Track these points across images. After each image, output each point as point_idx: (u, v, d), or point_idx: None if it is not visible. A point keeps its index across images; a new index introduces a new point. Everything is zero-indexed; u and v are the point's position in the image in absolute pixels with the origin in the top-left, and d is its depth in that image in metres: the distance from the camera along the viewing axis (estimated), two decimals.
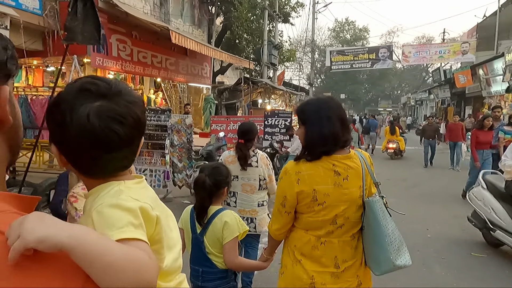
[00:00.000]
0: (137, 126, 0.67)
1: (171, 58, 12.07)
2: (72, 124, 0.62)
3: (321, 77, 50.03)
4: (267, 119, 8.44)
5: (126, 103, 0.66)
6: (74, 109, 0.62)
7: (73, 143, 0.63)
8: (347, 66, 17.44)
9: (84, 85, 0.65)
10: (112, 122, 0.63)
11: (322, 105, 1.67)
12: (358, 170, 1.61)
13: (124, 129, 0.64)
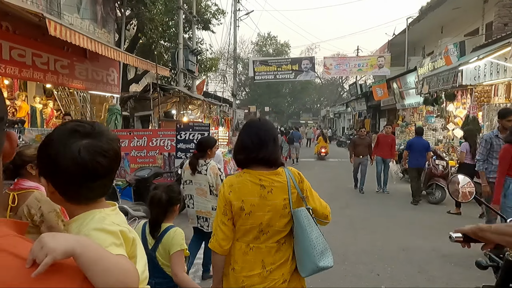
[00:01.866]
0: (116, 158, 0.88)
1: (64, 59, 9.87)
2: (65, 158, 0.80)
3: (245, 90, 50.00)
4: (179, 133, 7.00)
5: (108, 140, 0.86)
6: (67, 145, 0.81)
7: (65, 173, 0.81)
8: (270, 77, 16.89)
9: (74, 127, 0.85)
10: (98, 155, 0.83)
11: (256, 128, 1.88)
12: (283, 185, 1.78)
13: (106, 161, 0.84)
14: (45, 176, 0.85)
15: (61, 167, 0.80)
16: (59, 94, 11.87)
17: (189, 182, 3.58)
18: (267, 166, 1.79)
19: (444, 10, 13.46)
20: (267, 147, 1.79)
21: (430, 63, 10.99)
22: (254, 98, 45.75)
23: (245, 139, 1.84)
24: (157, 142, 7.17)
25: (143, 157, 7.17)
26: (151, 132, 7.20)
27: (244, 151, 1.83)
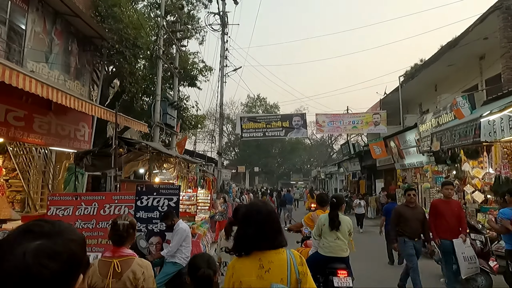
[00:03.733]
0: (73, 262, 0.77)
1: (19, 110, 8.51)
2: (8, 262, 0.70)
3: (234, 150, 49.15)
4: (140, 198, 5.44)
5: (65, 241, 0.77)
6: (13, 248, 0.71)
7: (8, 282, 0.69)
8: (259, 134, 15.82)
9: (29, 226, 0.77)
10: (44, 259, 0.72)
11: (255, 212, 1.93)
12: (283, 264, 1.81)
13: (57, 265, 0.73)
14: None
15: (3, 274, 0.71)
16: (14, 150, 10.32)
17: (226, 249, 3.48)
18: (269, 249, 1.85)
19: (438, 67, 13.00)
20: (273, 237, 1.86)
21: (433, 118, 10.06)
22: (243, 159, 44.65)
23: (248, 231, 1.88)
24: (111, 209, 5.54)
25: (91, 229, 5.48)
26: (103, 197, 5.60)
27: (248, 242, 1.88)
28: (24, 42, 9.04)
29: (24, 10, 9.03)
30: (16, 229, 0.78)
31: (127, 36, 11.60)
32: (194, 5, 18.77)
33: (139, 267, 2.37)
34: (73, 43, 11.12)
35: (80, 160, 6.84)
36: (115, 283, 2.25)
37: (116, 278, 2.25)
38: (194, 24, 18.87)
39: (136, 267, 2.36)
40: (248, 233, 1.85)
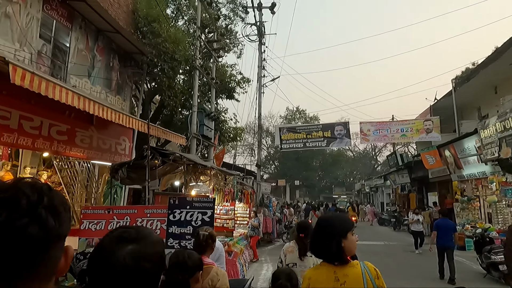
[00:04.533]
0: (161, 263, 0.93)
1: (62, 125, 8.70)
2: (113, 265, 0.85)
3: (274, 163, 48.56)
4: (173, 212, 5.07)
5: (151, 243, 0.92)
6: (114, 253, 0.86)
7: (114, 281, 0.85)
8: (299, 145, 15.14)
9: (120, 233, 0.92)
10: (142, 261, 0.87)
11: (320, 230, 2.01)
12: (358, 277, 1.82)
13: (151, 266, 0.88)
14: (91, 285, 0.87)
15: (107, 274, 0.85)
16: (59, 165, 10.60)
17: (293, 265, 3.56)
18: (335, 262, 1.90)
19: (499, 67, 11.67)
20: (330, 249, 1.90)
21: (498, 122, 8.85)
22: (283, 172, 43.85)
23: (312, 240, 2.06)
24: (143, 224, 5.23)
25: None
26: (135, 210, 5.32)
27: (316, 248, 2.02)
28: (67, 58, 9.32)
29: (68, 29, 9.34)
30: (108, 236, 0.92)
31: (165, 50, 11.70)
32: (231, 19, 18.86)
33: (216, 275, 2.58)
34: (114, 59, 11.39)
35: (116, 173, 6.68)
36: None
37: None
38: (231, 38, 18.94)
39: (213, 275, 2.56)
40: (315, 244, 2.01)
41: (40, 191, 0.63)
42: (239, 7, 18.42)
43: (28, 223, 0.58)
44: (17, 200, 0.59)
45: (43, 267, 0.61)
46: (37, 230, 0.59)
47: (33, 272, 0.59)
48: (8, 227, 0.56)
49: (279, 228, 14.65)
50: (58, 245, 0.64)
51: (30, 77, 5.19)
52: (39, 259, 0.60)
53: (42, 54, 8.40)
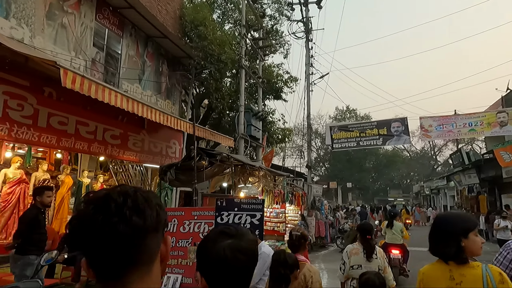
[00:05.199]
0: (253, 257, 1.08)
1: (115, 129, 8.98)
2: (213, 254, 1.02)
3: (324, 165, 47.24)
4: (220, 215, 4.81)
5: (247, 240, 1.07)
6: (215, 244, 1.03)
7: (213, 268, 1.02)
8: (352, 144, 14.26)
9: (222, 229, 1.10)
10: (237, 253, 1.02)
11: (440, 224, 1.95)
12: (476, 280, 1.72)
13: (245, 258, 1.03)
14: (200, 270, 1.05)
15: (210, 262, 1.03)
16: (115, 168, 11.00)
17: (358, 267, 3.60)
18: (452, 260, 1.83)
19: None
20: (448, 249, 1.83)
21: None
22: (334, 174, 42.44)
23: (430, 238, 1.95)
24: (191, 226, 5.04)
25: (171, 248, 5.03)
26: (183, 213, 5.14)
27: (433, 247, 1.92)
28: (119, 65, 9.64)
29: (119, 36, 9.67)
30: (213, 231, 1.12)
31: (211, 52, 11.71)
32: (277, 19, 18.55)
33: (308, 271, 2.80)
34: (163, 64, 11.64)
35: (165, 174, 6.63)
36: (293, 281, 2.52)
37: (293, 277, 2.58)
38: (277, 38, 18.63)
39: (306, 271, 2.77)
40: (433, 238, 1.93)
41: (125, 195, 0.74)
42: (284, 6, 18.07)
43: (117, 222, 0.70)
44: (108, 204, 0.72)
45: (143, 254, 0.73)
46: (124, 227, 0.70)
47: (136, 258, 0.72)
48: (105, 226, 0.70)
49: (332, 232, 13.94)
50: (149, 236, 0.74)
51: (80, 80, 5.28)
52: (137, 248, 0.72)
53: (96, 62, 8.74)
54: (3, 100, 6.11)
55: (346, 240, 10.75)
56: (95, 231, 0.69)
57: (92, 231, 0.69)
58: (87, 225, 0.70)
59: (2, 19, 6.23)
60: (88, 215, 0.71)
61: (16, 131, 6.30)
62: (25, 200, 7.12)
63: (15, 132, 6.28)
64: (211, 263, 1.02)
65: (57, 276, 5.40)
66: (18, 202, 6.96)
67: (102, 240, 0.69)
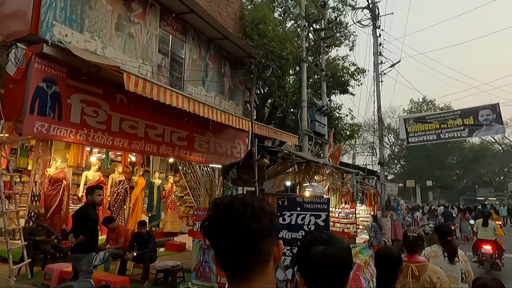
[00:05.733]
0: (344, 263, 1.16)
1: (182, 131, 9.28)
2: (307, 260, 1.16)
3: (400, 163, 43.99)
4: (282, 215, 4.53)
5: (339, 248, 1.17)
6: (308, 250, 1.17)
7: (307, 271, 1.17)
8: (431, 137, 12.76)
9: (314, 237, 1.22)
10: (329, 259, 1.13)
11: None
12: None
13: (335, 264, 1.13)
14: (299, 272, 1.20)
15: (305, 265, 1.18)
16: (183, 169, 11.40)
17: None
18: None
19: None
20: None
21: None
22: (411, 172, 39.22)
23: None
24: None
25: None
26: None
27: None
28: (183, 69, 9.95)
29: (182, 41, 9.98)
30: (306, 238, 1.24)
31: (272, 49, 11.52)
32: (340, 11, 17.69)
33: (434, 273, 2.70)
34: (225, 65, 11.77)
35: (227, 174, 6.55)
36: (414, 283, 2.63)
37: (414, 279, 2.64)
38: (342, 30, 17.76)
39: (431, 273, 2.69)
40: None
41: (245, 204, 0.87)
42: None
43: (239, 227, 0.83)
44: (231, 212, 0.85)
45: (259, 255, 0.85)
46: (244, 231, 0.83)
47: (254, 258, 0.85)
48: (228, 230, 0.84)
49: None
50: (265, 240, 0.86)
51: (142, 83, 5.44)
52: (254, 249, 0.85)
53: (161, 67, 9.12)
54: (80, 108, 6.62)
55: (427, 244, 9.64)
56: (220, 233, 0.83)
57: (218, 233, 0.84)
58: (215, 227, 0.85)
59: (78, 33, 6.76)
60: (217, 219, 0.85)
61: (92, 136, 6.78)
62: (103, 200, 7.68)
63: (92, 137, 6.77)
64: (305, 267, 1.16)
65: (129, 272, 5.65)
66: None
67: (226, 241, 0.83)
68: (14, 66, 5.81)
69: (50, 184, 6.88)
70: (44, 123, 5.91)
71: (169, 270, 5.37)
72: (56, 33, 6.31)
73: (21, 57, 5.80)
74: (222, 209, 0.87)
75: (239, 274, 0.85)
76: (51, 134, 6.05)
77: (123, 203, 8.14)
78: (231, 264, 0.86)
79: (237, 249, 0.83)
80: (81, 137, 6.57)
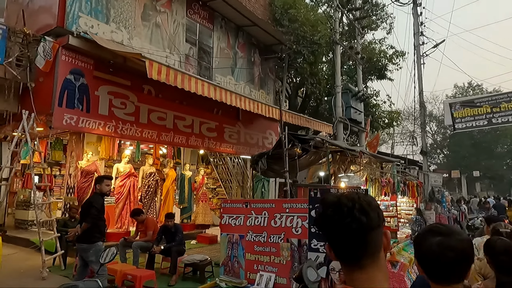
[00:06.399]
0: (463, 254, 1.17)
1: (211, 122, 9.09)
2: (423, 249, 1.21)
3: (443, 152, 41.47)
4: (314, 208, 4.14)
5: (457, 239, 1.18)
6: (425, 240, 1.21)
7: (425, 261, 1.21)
8: (481, 122, 11.57)
9: (431, 228, 1.26)
10: (446, 250, 1.16)
11: None
12: None
13: (453, 255, 1.15)
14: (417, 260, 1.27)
15: (421, 255, 1.23)
16: (215, 161, 11.25)
17: None
18: None
19: None
20: None
21: None
22: (455, 161, 36.78)
23: None
24: (282, 220, 4.49)
25: (263, 243, 4.58)
26: (273, 205, 4.62)
27: None
28: (212, 58, 9.72)
29: (210, 30, 9.73)
30: (423, 229, 1.31)
31: (303, 34, 10.97)
32: None
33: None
34: (255, 53, 11.40)
35: (256, 164, 6.24)
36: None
37: None
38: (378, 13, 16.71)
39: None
40: None
41: (352, 200, 0.92)
42: None
43: (350, 221, 0.90)
44: (341, 208, 0.91)
45: (370, 245, 0.91)
46: (356, 225, 0.89)
47: (366, 248, 0.91)
48: (340, 225, 0.90)
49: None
50: (374, 232, 0.91)
51: (165, 71, 5.23)
52: (366, 240, 0.90)
53: (189, 57, 8.94)
54: (108, 100, 6.57)
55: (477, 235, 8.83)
56: (334, 228, 0.92)
57: (332, 228, 0.92)
58: (328, 222, 0.93)
59: (104, 24, 6.69)
60: (329, 215, 0.92)
61: (121, 128, 6.73)
62: (134, 192, 7.69)
63: (120, 129, 6.71)
64: (423, 257, 1.21)
65: (158, 265, 5.55)
66: (128, 194, 7.54)
67: (339, 234, 0.91)
68: (43, 59, 5.83)
69: (82, 176, 6.96)
70: (73, 116, 5.90)
71: (197, 265, 5.19)
72: (82, 25, 6.26)
73: (49, 50, 5.80)
74: (332, 206, 0.93)
75: (354, 263, 0.92)
76: (80, 126, 6.05)
77: (154, 195, 8.11)
78: (345, 255, 0.93)
79: (351, 241, 0.90)
80: (110, 129, 6.54)
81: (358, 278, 0.90)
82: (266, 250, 4.53)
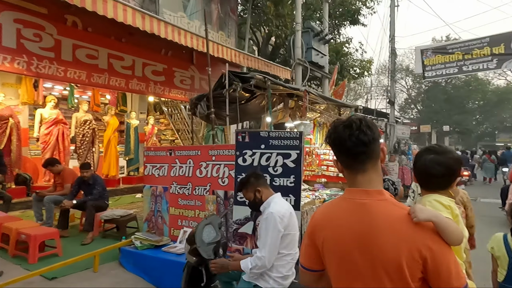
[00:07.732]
0: (449, 169, 1.38)
1: (158, 64, 8.05)
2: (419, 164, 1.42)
3: (417, 107, 41.79)
4: (242, 154, 3.47)
5: (447, 157, 1.39)
6: (421, 157, 1.43)
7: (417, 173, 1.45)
8: (452, 71, 11.04)
9: (428, 147, 1.47)
10: (435, 164, 1.38)
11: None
12: None
13: (441, 169, 1.37)
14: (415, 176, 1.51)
15: (416, 169, 1.44)
16: (169, 110, 10.34)
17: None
18: None
19: None
20: None
21: None
22: (428, 116, 37.17)
23: None
24: (208, 170, 3.82)
25: (187, 196, 3.93)
26: (199, 152, 3.92)
27: None
28: None
29: None
30: (422, 149, 1.51)
31: None
32: None
33: (464, 195, 2.76)
34: None
35: (196, 108, 5.45)
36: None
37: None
38: None
39: (463, 194, 2.76)
40: None
41: (359, 119, 1.13)
42: None
43: (359, 133, 1.09)
44: (351, 125, 1.10)
45: (373, 153, 1.12)
46: (363, 136, 1.09)
47: (370, 155, 1.11)
48: (352, 137, 1.09)
49: None
50: (375, 143, 1.11)
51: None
52: (369, 150, 1.10)
53: None
54: (15, 29, 5.43)
55: None
56: (346, 140, 1.09)
57: (344, 140, 1.10)
58: (341, 137, 1.11)
59: None
60: (342, 131, 1.11)
61: (36, 64, 5.66)
62: (64, 142, 6.80)
63: (35, 66, 5.65)
64: (417, 170, 1.43)
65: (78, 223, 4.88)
66: (57, 143, 6.64)
67: (350, 144, 1.09)
68: None
69: None
70: None
71: (117, 220, 4.54)
72: None
73: None
74: (343, 125, 1.12)
75: (359, 168, 1.12)
76: None
77: (91, 145, 7.24)
78: (353, 162, 1.13)
79: (359, 149, 1.09)
80: (20, 65, 5.47)
81: (361, 180, 1.13)
82: (191, 204, 3.91)
